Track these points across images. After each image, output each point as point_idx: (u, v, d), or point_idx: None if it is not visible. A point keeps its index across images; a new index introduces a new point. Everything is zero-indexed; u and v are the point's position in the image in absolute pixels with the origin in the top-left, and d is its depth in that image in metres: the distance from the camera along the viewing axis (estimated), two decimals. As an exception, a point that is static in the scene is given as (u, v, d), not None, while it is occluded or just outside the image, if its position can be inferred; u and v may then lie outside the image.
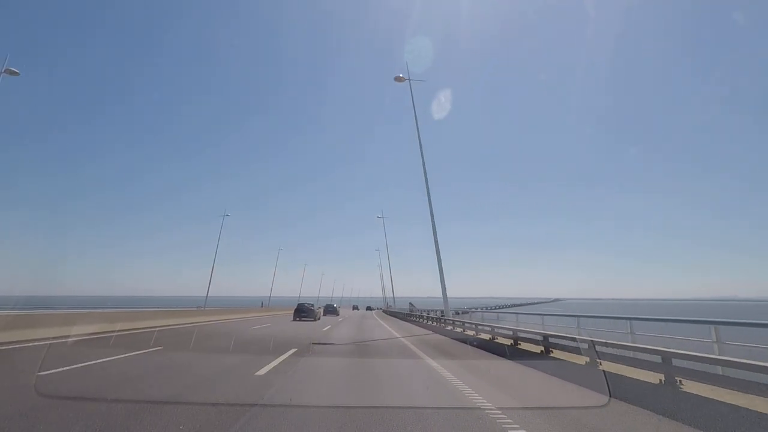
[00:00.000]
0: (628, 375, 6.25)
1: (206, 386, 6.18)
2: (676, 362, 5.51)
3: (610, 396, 5.93)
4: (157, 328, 17.00)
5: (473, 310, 40.93)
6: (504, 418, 4.80)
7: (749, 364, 4.71)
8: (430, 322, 24.10)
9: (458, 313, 32.12)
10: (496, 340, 12.33)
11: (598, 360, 7.18)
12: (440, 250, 21.38)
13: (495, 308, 72.83)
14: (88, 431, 4.01)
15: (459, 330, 17.24)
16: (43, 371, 7.00)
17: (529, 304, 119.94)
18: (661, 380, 5.59)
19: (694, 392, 5.10)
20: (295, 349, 10.80)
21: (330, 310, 41.97)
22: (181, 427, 4.16)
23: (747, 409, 4.42)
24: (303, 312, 29.48)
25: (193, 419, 4.45)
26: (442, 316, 27.84)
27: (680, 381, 5.40)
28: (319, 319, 30.63)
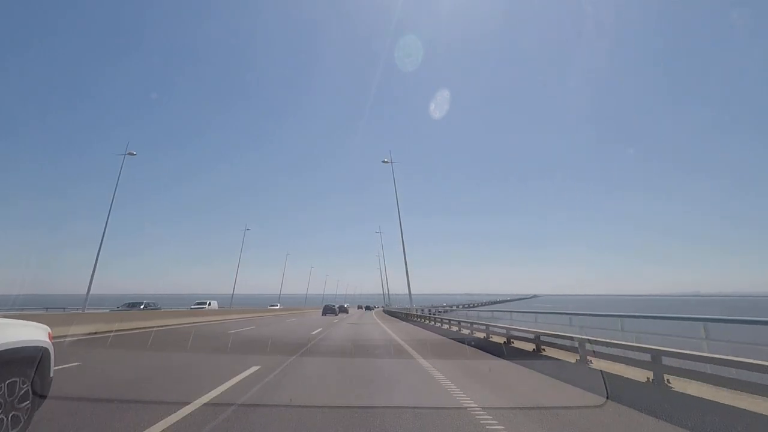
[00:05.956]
0: (615, 372, 6.17)
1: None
2: (665, 360, 5.43)
3: (608, 397, 5.70)
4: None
5: (453, 307, 40.17)
6: (486, 417, 4.74)
7: (737, 361, 4.63)
8: (426, 321, 24.04)
9: (438, 312, 31.74)
10: (490, 339, 12.21)
11: (588, 358, 7.11)
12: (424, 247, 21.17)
13: (472, 306, 70.63)
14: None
15: (455, 329, 17.19)
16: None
17: (508, 301, 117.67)
18: (648, 378, 5.50)
19: (682, 390, 5.02)
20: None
21: (342, 309, 54.41)
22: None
23: (735, 407, 4.33)
24: (328, 310, 44.33)
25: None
26: (436, 314, 27.73)
27: (668, 379, 5.32)
28: (337, 315, 43.48)
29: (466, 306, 67.47)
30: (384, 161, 34.03)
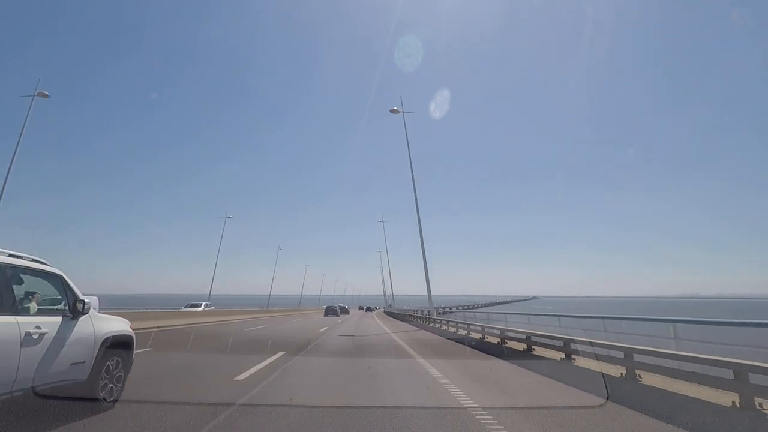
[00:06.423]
0: (594, 369, 6.92)
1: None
2: (637, 357, 6.16)
3: (608, 398, 5.76)
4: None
5: (452, 309, 40.23)
6: (487, 417, 4.74)
7: (695, 357, 5.27)
8: (424, 322, 24.79)
9: (438, 313, 32.02)
10: (485, 340, 12.85)
11: (572, 357, 7.85)
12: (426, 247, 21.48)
13: (472, 307, 70.22)
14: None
15: (453, 330, 17.84)
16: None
17: (509, 302, 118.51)
18: (622, 373, 6.22)
19: (650, 384, 5.72)
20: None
21: (343, 310, 57.16)
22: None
23: (688, 396, 5.00)
24: (331, 311, 45.97)
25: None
26: (430, 315, 28.41)
27: (639, 374, 6.02)
28: (339, 315, 45.36)
29: (466, 307, 67.99)
30: (393, 110, 27.13)
